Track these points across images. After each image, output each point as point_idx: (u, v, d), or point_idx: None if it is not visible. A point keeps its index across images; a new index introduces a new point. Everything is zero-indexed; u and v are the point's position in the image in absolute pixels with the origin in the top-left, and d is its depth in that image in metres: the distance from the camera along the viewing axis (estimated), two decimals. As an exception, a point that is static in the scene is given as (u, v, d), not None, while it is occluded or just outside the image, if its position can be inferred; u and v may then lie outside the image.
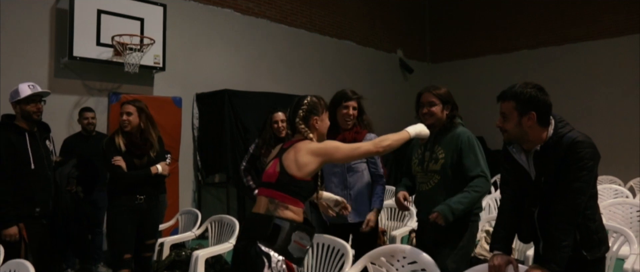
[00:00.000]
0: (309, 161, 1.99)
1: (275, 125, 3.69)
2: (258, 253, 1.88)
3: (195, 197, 6.09)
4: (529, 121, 1.84)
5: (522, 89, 1.85)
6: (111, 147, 3.07)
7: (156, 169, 3.15)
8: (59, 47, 4.96)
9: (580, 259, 1.84)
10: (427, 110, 2.45)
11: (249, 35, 6.81)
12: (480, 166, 2.34)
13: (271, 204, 1.99)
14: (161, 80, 5.75)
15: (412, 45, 10.05)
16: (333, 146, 2.06)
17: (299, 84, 7.25)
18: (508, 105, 1.87)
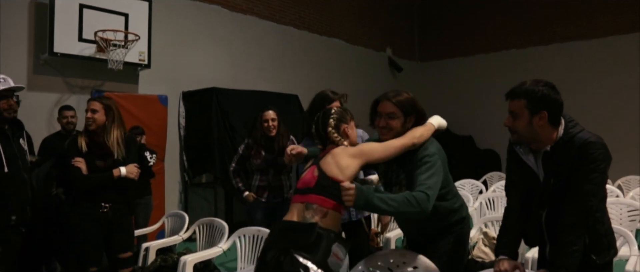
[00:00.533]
0: (349, 163, 1.92)
1: (266, 124, 3.60)
2: (295, 264, 1.72)
3: (182, 198, 5.93)
4: (541, 121, 1.74)
5: (534, 87, 1.75)
6: (73, 148, 2.80)
7: (119, 172, 2.79)
8: (38, 42, 4.76)
9: (589, 263, 1.76)
10: (385, 124, 2.02)
11: (237, 32, 6.67)
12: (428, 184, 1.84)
13: (308, 210, 1.86)
14: (146, 78, 5.58)
15: (401, 43, 10.02)
16: (370, 147, 2.00)
17: (288, 82, 7.15)
18: (518, 104, 1.76)
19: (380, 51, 9.45)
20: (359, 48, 8.88)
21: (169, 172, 5.66)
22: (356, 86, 8.48)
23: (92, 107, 2.82)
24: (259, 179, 3.63)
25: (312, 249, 1.76)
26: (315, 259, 1.74)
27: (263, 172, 3.62)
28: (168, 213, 4.07)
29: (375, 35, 9.29)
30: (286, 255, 1.74)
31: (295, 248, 1.76)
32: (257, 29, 6.95)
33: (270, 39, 7.15)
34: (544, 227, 1.84)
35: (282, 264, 1.73)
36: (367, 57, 9.03)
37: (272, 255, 1.80)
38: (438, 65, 10.28)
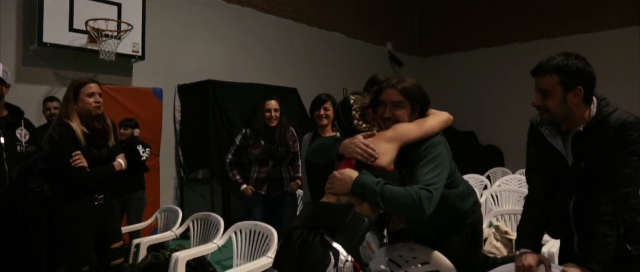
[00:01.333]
0: (387, 148, 1.74)
1: (268, 113, 3.45)
2: (324, 245, 1.52)
3: (178, 194, 5.77)
4: (575, 98, 1.58)
5: (567, 61, 1.58)
6: (67, 139, 2.51)
7: (120, 166, 2.66)
8: (27, 32, 4.61)
9: (624, 253, 1.60)
10: (391, 114, 1.79)
11: (234, 25, 6.52)
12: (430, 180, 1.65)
13: (344, 196, 1.66)
14: (140, 70, 5.42)
15: (401, 38, 9.89)
16: (405, 128, 1.78)
17: (286, 76, 7.01)
18: (550, 80, 1.59)
19: (380, 45, 9.31)
20: (359, 42, 8.74)
21: (164, 167, 5.49)
22: (356, 81, 8.30)
23: (96, 90, 2.58)
24: (258, 170, 3.47)
25: (346, 232, 1.56)
26: (347, 244, 1.54)
27: (262, 163, 3.46)
28: (161, 208, 3.90)
29: (375, 29, 9.15)
30: (316, 235, 1.54)
31: (327, 229, 1.55)
32: (254, 22, 6.80)
33: (268, 32, 7.00)
34: (571, 217, 1.67)
35: (311, 245, 1.52)
36: (367, 52, 8.89)
37: (299, 234, 1.58)
38: (439, 60, 10.14)
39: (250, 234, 2.77)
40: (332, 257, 1.49)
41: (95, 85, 2.61)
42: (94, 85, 2.60)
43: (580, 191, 1.64)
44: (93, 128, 2.58)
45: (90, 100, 2.55)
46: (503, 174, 7.46)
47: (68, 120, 2.52)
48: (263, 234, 2.68)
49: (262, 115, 3.48)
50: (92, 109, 2.56)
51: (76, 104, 2.55)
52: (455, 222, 1.89)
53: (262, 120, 3.47)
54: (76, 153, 2.48)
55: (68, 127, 2.51)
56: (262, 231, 2.72)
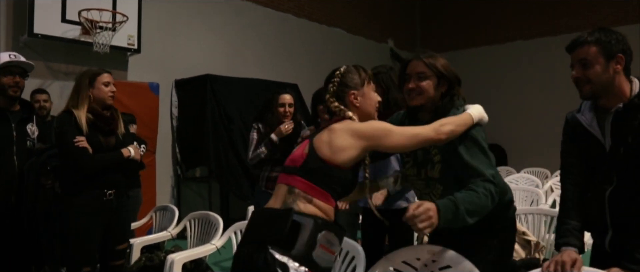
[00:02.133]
0: (348, 144, 1.52)
1: (282, 109, 3.27)
2: (269, 262, 1.38)
3: (174, 193, 5.64)
4: (618, 65, 1.53)
5: (604, 33, 1.55)
6: (69, 125, 2.41)
7: (128, 152, 2.55)
8: (17, 23, 4.46)
9: None
10: (415, 86, 1.70)
11: (232, 19, 6.40)
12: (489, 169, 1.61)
13: (290, 195, 1.51)
14: (136, 64, 5.28)
15: (403, 35, 9.81)
16: (383, 128, 1.57)
17: (285, 72, 6.89)
18: (591, 50, 1.53)
19: (381, 42, 9.22)
20: (360, 38, 8.64)
21: (160, 165, 5.34)
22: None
23: (111, 80, 2.54)
24: (270, 169, 3.28)
25: (289, 242, 1.41)
26: (294, 253, 1.39)
27: (276, 163, 3.24)
28: (156, 207, 3.73)
29: (376, 26, 9.05)
30: (261, 251, 1.40)
31: (271, 242, 1.41)
32: (254, 16, 6.67)
33: (268, 26, 6.88)
34: (606, 207, 1.53)
35: (256, 262, 1.39)
36: (368, 48, 8.78)
37: (245, 251, 1.47)
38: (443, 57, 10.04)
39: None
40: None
41: (110, 75, 2.57)
42: (108, 75, 2.56)
43: (619, 178, 1.50)
44: (99, 115, 2.48)
45: (106, 89, 2.50)
46: (508, 173, 7.34)
47: (75, 108, 2.44)
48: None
49: (276, 110, 3.29)
50: (107, 98, 2.51)
51: (91, 91, 2.48)
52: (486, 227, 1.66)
53: (277, 116, 3.28)
54: (78, 138, 2.39)
55: (71, 114, 2.42)
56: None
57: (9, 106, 2.70)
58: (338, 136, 1.53)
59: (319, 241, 1.44)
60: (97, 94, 2.48)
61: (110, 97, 2.52)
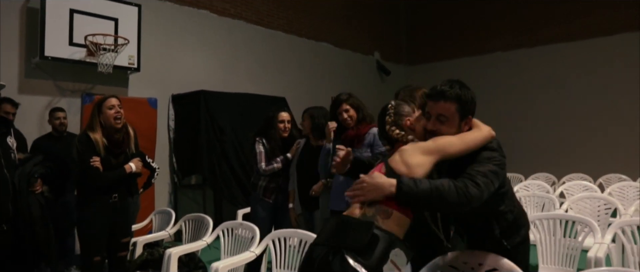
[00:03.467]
0: (422, 161, 1.67)
1: (281, 125, 3.65)
2: (344, 266, 1.48)
3: (172, 199, 6.03)
4: (466, 127, 1.77)
5: (464, 90, 1.75)
6: (88, 147, 2.91)
7: (130, 168, 3.07)
8: (29, 46, 4.87)
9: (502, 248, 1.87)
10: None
11: (225, 37, 6.79)
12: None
13: (370, 207, 1.61)
14: (136, 81, 5.69)
15: (389, 47, 10.16)
16: (446, 141, 1.71)
17: (276, 85, 7.27)
18: (450, 107, 1.73)
19: (368, 54, 9.57)
20: (347, 52, 9.00)
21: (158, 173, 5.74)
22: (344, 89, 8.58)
23: (116, 103, 2.98)
24: (268, 180, 3.62)
25: (366, 252, 1.50)
26: (368, 263, 1.49)
27: (274, 175, 3.62)
28: (156, 211, 4.19)
29: (363, 39, 9.41)
30: (336, 254, 1.51)
31: (347, 248, 1.51)
32: (245, 34, 7.06)
33: (259, 43, 7.26)
34: None
35: (331, 265, 1.49)
36: (355, 61, 9.16)
37: (320, 252, 1.57)
38: (426, 68, 10.44)
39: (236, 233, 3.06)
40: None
41: (115, 99, 3.02)
42: (114, 99, 3.01)
43: None
44: (112, 140, 2.96)
45: (110, 112, 2.95)
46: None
47: (91, 131, 2.93)
48: (247, 232, 2.98)
49: (276, 126, 3.63)
50: (113, 122, 2.96)
51: (100, 117, 2.95)
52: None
53: (278, 131, 3.62)
54: (94, 158, 2.88)
55: (89, 138, 2.91)
56: (246, 229, 3.02)
57: None
58: (411, 156, 1.68)
59: (391, 256, 1.54)
60: (105, 119, 2.96)
61: (115, 120, 2.96)
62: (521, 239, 1.95)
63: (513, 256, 1.89)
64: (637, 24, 7.78)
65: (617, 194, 4.72)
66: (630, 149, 7.58)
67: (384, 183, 1.59)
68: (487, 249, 1.92)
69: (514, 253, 1.90)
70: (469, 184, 1.59)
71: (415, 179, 1.59)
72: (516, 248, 1.92)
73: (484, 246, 1.93)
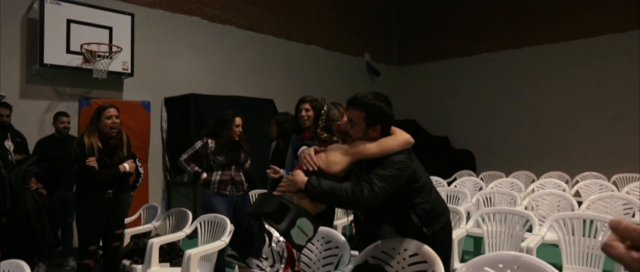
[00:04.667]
0: (339, 159, 2.06)
1: (237, 128, 4.05)
2: (261, 229, 1.92)
3: (165, 195, 6.40)
4: (374, 133, 2.08)
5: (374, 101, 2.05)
6: (83, 149, 3.26)
7: (124, 168, 3.41)
8: (29, 55, 5.24)
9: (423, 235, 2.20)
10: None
11: (216, 42, 7.12)
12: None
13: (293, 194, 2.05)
14: (130, 86, 6.05)
15: (379, 48, 10.42)
16: (363, 146, 2.06)
17: (266, 88, 7.59)
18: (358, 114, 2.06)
19: (358, 56, 9.84)
20: (337, 54, 9.27)
21: (152, 172, 6.11)
22: (335, 91, 8.91)
23: (114, 113, 3.33)
24: (221, 173, 4.03)
25: (278, 219, 1.94)
26: (279, 227, 1.93)
27: (225, 167, 4.04)
28: (144, 206, 4.54)
29: (353, 41, 9.67)
30: (256, 220, 1.95)
31: (265, 216, 1.95)
32: (235, 39, 7.39)
33: (249, 47, 7.58)
34: None
35: (252, 229, 1.92)
36: (345, 63, 9.44)
37: (247, 220, 1.99)
38: (415, 69, 10.75)
39: (211, 224, 3.41)
40: (266, 237, 1.89)
41: (114, 110, 3.38)
42: (113, 109, 3.37)
43: None
44: (107, 144, 3.30)
45: (108, 122, 3.32)
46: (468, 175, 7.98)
47: (88, 136, 3.28)
48: (220, 223, 3.33)
49: (230, 129, 4.04)
50: (109, 131, 3.33)
51: (98, 123, 3.31)
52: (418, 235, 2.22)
53: (230, 133, 4.03)
54: (90, 158, 3.23)
55: (84, 142, 3.26)
56: (221, 222, 3.37)
57: None
58: (330, 154, 2.09)
59: (298, 223, 1.96)
60: (102, 127, 3.34)
61: (111, 129, 3.33)
62: (440, 226, 2.29)
63: (433, 242, 2.23)
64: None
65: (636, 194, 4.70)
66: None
67: (298, 180, 2.02)
68: (412, 236, 2.26)
69: (434, 239, 2.24)
70: (365, 188, 1.95)
71: (320, 180, 1.99)
72: (435, 235, 2.25)
73: (409, 233, 2.26)
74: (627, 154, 7.65)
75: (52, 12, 5.17)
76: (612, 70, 8.13)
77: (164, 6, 6.51)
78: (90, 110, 5.39)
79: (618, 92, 8.04)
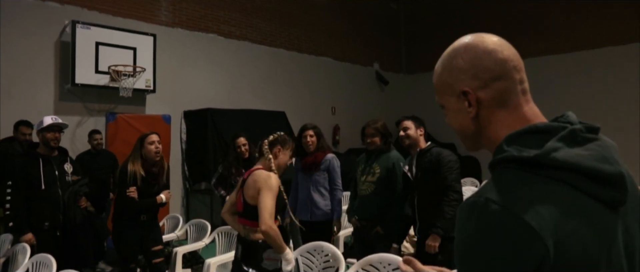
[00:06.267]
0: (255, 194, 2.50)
1: (239, 149, 4.40)
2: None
3: (184, 202, 6.86)
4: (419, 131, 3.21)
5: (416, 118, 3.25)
6: (125, 178, 3.36)
7: (160, 199, 3.52)
8: (62, 75, 5.73)
9: None
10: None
11: (232, 57, 7.54)
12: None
13: (244, 229, 2.59)
14: (152, 101, 6.52)
15: (388, 58, 10.71)
16: (267, 197, 2.47)
17: (279, 100, 7.99)
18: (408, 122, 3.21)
19: (367, 66, 10.14)
20: (347, 64, 9.60)
21: (172, 180, 6.45)
22: (345, 100, 9.34)
23: (157, 139, 3.41)
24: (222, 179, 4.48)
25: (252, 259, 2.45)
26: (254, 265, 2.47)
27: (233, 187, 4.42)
28: (166, 217, 4.99)
29: (362, 51, 9.97)
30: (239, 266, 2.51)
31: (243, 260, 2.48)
32: (250, 53, 7.80)
33: (263, 61, 7.99)
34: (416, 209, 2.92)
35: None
36: (355, 72, 9.77)
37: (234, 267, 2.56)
38: (424, 77, 10.99)
39: (228, 235, 3.83)
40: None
41: (155, 136, 3.49)
42: (154, 135, 3.50)
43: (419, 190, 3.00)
44: (149, 172, 3.44)
45: (151, 147, 3.43)
46: (472, 183, 8.29)
47: (132, 164, 3.41)
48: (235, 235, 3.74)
49: (234, 150, 4.39)
50: (153, 155, 3.43)
51: (142, 150, 3.43)
52: None
53: (235, 154, 4.38)
54: (131, 189, 3.37)
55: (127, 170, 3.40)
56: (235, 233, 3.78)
57: (50, 153, 3.62)
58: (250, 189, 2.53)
59: (265, 256, 2.46)
60: (146, 153, 3.44)
61: (155, 153, 3.44)
62: None
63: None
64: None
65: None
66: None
67: None
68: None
69: None
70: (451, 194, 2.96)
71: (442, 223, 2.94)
72: None
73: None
74: (628, 164, 7.79)
75: (82, 36, 5.65)
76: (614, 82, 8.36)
77: (182, 25, 6.97)
78: (116, 125, 5.92)
79: (619, 104, 8.28)
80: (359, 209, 3.49)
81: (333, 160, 3.74)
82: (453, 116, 0.92)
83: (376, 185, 3.36)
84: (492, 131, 0.86)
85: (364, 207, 3.44)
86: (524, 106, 0.86)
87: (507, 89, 0.86)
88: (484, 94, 0.85)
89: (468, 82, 0.87)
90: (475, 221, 0.73)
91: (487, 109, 0.86)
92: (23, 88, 5.44)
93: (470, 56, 0.88)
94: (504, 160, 0.77)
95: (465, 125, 0.90)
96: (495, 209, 0.71)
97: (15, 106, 5.28)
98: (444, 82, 0.92)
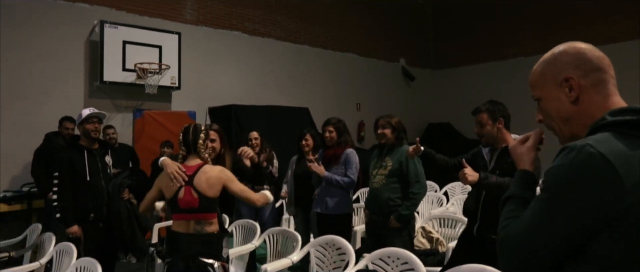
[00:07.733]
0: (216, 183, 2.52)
1: (250, 142, 4.41)
2: (201, 267, 2.34)
3: (209, 197, 6.97)
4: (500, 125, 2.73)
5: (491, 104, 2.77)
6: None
7: None
8: (92, 73, 5.94)
9: None
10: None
11: (256, 54, 7.64)
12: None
13: (197, 225, 2.46)
14: (178, 97, 6.67)
15: (414, 53, 10.60)
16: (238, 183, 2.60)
17: (304, 96, 8.04)
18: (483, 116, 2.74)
19: (393, 61, 10.08)
20: (372, 60, 9.56)
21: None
22: (370, 97, 9.29)
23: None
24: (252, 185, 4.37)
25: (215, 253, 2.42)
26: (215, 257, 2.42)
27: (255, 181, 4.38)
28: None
29: (388, 46, 9.92)
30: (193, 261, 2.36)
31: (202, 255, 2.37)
32: (274, 50, 7.88)
33: (287, 58, 8.05)
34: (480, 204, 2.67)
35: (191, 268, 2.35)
36: (381, 68, 9.72)
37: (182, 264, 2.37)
38: (450, 73, 10.86)
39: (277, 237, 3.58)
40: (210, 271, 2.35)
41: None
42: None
43: None
44: None
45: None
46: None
47: None
48: (251, 228, 3.79)
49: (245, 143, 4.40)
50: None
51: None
52: None
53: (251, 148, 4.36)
54: None
55: None
56: (250, 226, 3.82)
57: (91, 145, 3.59)
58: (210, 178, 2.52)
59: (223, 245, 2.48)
60: None
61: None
62: None
63: None
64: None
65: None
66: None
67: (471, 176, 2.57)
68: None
69: None
70: None
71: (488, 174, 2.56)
72: None
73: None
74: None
75: (110, 35, 5.84)
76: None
77: (207, 23, 7.10)
78: (143, 121, 6.09)
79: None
80: (370, 201, 3.53)
81: (351, 154, 3.77)
82: (551, 104, 1.10)
83: (388, 177, 3.39)
84: (588, 114, 1.03)
85: (374, 199, 3.47)
86: (615, 96, 1.05)
87: (603, 80, 1.05)
88: (584, 81, 1.04)
89: (571, 71, 1.06)
90: (572, 157, 0.89)
91: (586, 94, 1.04)
92: (56, 86, 5.67)
93: (573, 52, 1.08)
94: (606, 124, 0.95)
95: (562, 110, 1.07)
96: (592, 152, 0.87)
97: (51, 103, 5.52)
98: (546, 74, 1.10)
